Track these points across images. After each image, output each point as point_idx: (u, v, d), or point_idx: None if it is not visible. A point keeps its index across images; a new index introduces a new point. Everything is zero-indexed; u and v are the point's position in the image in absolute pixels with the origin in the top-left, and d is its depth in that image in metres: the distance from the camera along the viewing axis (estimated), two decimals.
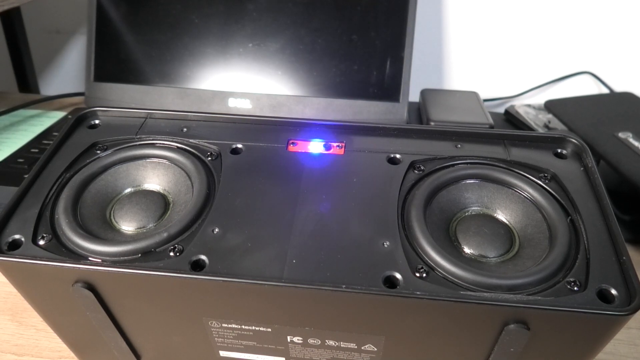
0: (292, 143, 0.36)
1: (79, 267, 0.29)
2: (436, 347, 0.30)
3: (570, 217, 0.31)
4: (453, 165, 0.34)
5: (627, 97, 0.66)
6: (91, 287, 0.30)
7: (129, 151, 0.36)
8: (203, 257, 0.29)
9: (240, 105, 0.64)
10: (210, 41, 0.64)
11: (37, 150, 0.61)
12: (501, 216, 0.33)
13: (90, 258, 0.30)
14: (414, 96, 0.69)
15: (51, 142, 0.57)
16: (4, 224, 0.31)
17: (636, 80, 0.77)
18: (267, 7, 0.63)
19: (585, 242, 0.30)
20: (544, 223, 0.31)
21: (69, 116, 0.70)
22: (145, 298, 0.30)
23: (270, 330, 0.31)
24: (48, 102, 0.72)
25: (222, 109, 0.64)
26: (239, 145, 0.36)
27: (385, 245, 0.30)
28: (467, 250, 0.31)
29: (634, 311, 0.26)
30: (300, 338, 0.32)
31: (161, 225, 0.32)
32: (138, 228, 0.32)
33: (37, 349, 0.41)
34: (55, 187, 0.33)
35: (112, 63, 0.66)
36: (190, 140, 0.36)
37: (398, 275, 0.28)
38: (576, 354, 0.29)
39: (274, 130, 0.37)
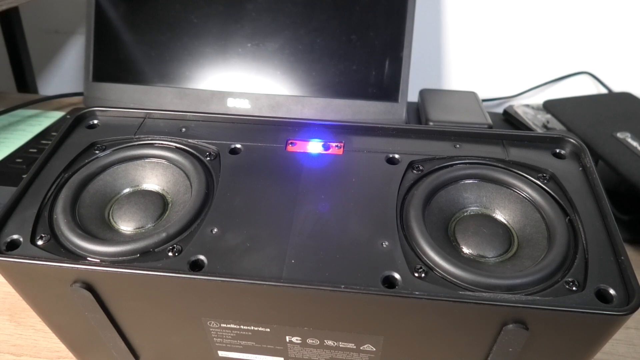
0: (291, 143, 0.36)
1: (77, 267, 0.29)
2: (435, 347, 0.30)
3: (568, 217, 0.31)
4: (452, 165, 0.34)
5: (626, 97, 0.66)
6: (90, 287, 0.30)
7: (128, 151, 0.36)
8: (202, 257, 0.29)
9: (239, 105, 0.64)
10: (209, 41, 0.64)
11: (35, 150, 0.61)
12: (500, 216, 0.33)
13: (88, 258, 0.30)
14: (412, 96, 0.69)
15: (50, 142, 0.57)
16: (3, 224, 0.31)
17: (634, 80, 0.77)
18: (266, 7, 0.63)
19: (584, 242, 0.30)
20: (543, 223, 0.31)
21: (68, 116, 0.70)
22: (144, 298, 0.30)
23: (269, 330, 0.31)
24: (46, 102, 0.72)
25: (221, 109, 0.64)
26: (238, 145, 0.36)
27: (384, 246, 0.30)
28: (465, 250, 0.31)
29: (632, 311, 0.26)
30: (299, 338, 0.32)
31: (160, 225, 0.32)
32: (137, 228, 0.32)
33: (36, 349, 0.41)
34: (53, 187, 0.33)
35: (110, 63, 0.66)
36: (189, 140, 0.36)
37: (397, 275, 0.28)
38: (575, 353, 0.29)
39: (273, 130, 0.37)
